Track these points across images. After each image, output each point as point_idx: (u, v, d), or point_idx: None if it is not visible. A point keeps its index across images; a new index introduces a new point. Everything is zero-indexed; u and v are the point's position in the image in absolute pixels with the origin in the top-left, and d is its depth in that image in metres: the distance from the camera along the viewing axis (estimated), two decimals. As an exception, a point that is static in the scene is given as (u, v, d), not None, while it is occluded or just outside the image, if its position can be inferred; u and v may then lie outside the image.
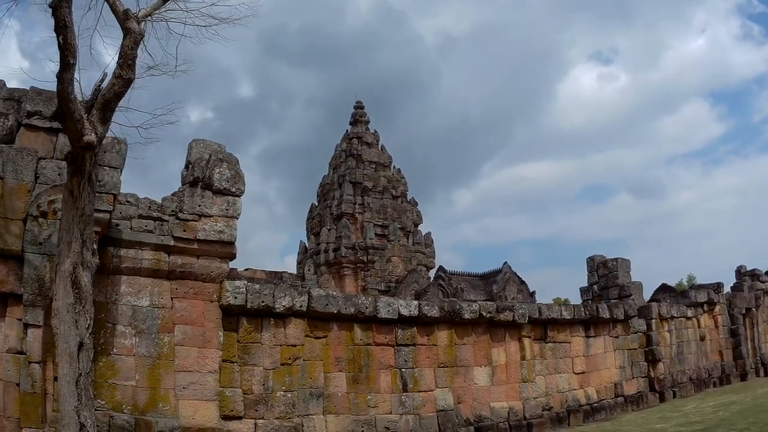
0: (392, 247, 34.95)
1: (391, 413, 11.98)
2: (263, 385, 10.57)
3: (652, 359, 16.94)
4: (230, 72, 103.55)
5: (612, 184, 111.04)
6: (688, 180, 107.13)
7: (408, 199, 37.43)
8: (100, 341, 9.16)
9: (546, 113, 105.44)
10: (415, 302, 12.71)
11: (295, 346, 11.12)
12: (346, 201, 35.33)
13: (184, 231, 10.04)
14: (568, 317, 14.75)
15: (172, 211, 10.23)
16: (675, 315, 17.94)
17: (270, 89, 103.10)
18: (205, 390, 9.82)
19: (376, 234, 35.10)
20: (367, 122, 38.88)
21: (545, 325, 14.54)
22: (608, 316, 15.69)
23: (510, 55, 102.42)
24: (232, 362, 10.39)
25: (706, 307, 19.39)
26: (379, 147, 38.12)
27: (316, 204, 38.07)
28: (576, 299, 19.36)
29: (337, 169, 37.26)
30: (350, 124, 39.18)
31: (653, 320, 17.17)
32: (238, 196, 10.70)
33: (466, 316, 12.99)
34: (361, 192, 35.76)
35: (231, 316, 10.53)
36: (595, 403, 15.08)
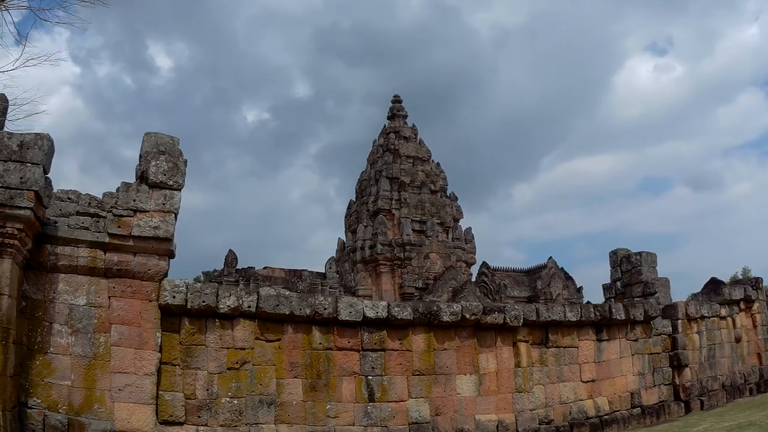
0: (430, 243, 33.80)
1: (353, 425, 10.93)
2: (207, 390, 9.99)
3: (677, 364, 15.24)
4: (285, 72, 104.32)
5: (670, 177, 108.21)
6: (744, 171, 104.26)
7: (447, 193, 36.13)
8: (37, 339, 9.14)
9: (602, 105, 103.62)
10: (384, 303, 11.57)
11: (243, 349, 10.42)
12: (382, 197, 34.39)
13: (119, 227, 9.67)
14: (574, 319, 13.29)
15: (111, 207, 9.79)
16: (706, 314, 16.16)
17: (326, 88, 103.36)
18: (141, 393, 9.44)
19: (413, 230, 34.05)
20: (405, 116, 37.83)
21: (546, 328, 13.13)
22: (624, 317, 14.12)
23: (565, 47, 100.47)
24: (174, 365, 9.89)
25: (742, 305, 17.43)
26: (417, 141, 36.99)
27: (354, 200, 37.21)
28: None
29: (374, 165, 36.37)
30: (388, 118, 38.21)
31: (679, 321, 15.46)
32: (176, 189, 10.15)
33: (446, 318, 11.75)
34: (398, 187, 34.75)
35: (173, 316, 10.03)
36: (605, 415, 13.56)
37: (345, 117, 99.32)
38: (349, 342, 11.25)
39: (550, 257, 35.43)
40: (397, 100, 38.30)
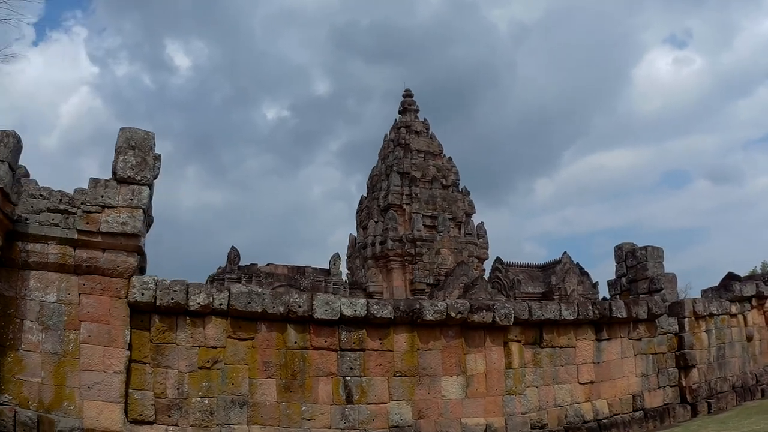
0: (441, 238, 33.21)
1: (330, 427, 10.47)
2: (178, 389, 9.78)
3: (684, 365, 14.48)
4: (304, 70, 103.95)
5: (690, 171, 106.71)
6: (765, 164, 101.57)
7: (459, 188, 35.44)
8: (8, 336, 9.15)
9: (622, 99, 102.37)
10: (363, 301, 11.03)
11: (215, 348, 10.14)
12: (393, 192, 33.84)
13: (87, 223, 9.57)
14: (570, 318, 12.61)
15: (81, 203, 9.68)
16: (715, 312, 15.35)
17: (346, 85, 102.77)
18: (110, 391, 9.34)
19: (424, 225, 33.47)
20: (417, 111, 37.20)
21: (540, 327, 12.47)
22: (625, 316, 13.40)
23: (583, 41, 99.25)
24: (144, 363, 9.74)
25: (754, 302, 16.55)
26: (429, 135, 36.36)
27: (365, 196, 36.69)
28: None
29: (385, 160, 35.82)
30: (399, 113, 37.62)
31: (686, 319, 14.69)
32: (145, 185, 10.03)
33: (429, 317, 11.18)
34: (408, 182, 34.17)
35: (143, 314, 9.88)
36: (604, 418, 12.87)
37: (365, 114, 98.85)
38: (326, 341, 10.80)
39: (565, 252, 34.66)
40: (408, 94, 37.69)
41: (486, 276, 35.69)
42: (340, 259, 27.34)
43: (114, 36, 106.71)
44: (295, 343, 10.60)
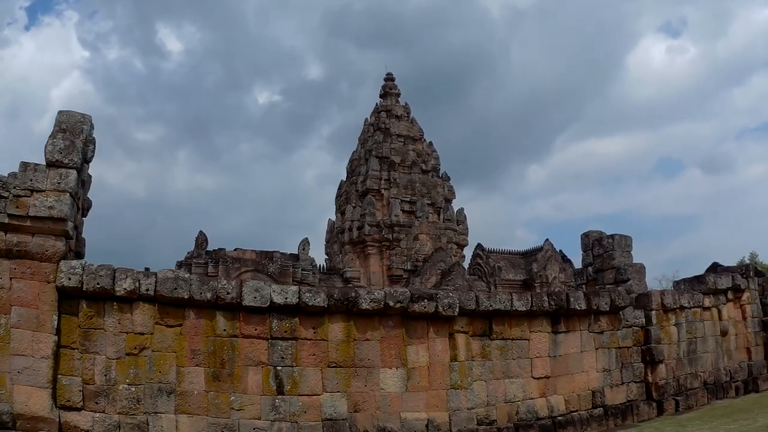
0: (420, 224, 32.40)
1: (260, 418, 9.84)
2: (105, 375, 9.51)
3: (650, 360, 13.68)
4: (297, 53, 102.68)
5: (684, 158, 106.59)
6: (759, 153, 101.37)
7: (440, 173, 34.57)
8: None
9: (616, 86, 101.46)
10: (295, 288, 10.22)
11: (142, 334, 9.73)
12: (371, 176, 33.00)
13: (17, 207, 9.37)
14: (523, 309, 11.80)
15: (14, 186, 9.55)
16: (686, 305, 14.55)
17: (339, 70, 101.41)
18: (38, 376, 9.14)
19: (403, 210, 32.63)
20: (398, 95, 36.28)
21: (490, 318, 11.65)
22: (585, 308, 12.58)
23: (578, 27, 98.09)
24: (73, 349, 9.48)
25: (730, 295, 15.75)
26: (410, 120, 35.43)
27: (344, 180, 35.84)
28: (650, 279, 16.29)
29: (365, 144, 34.96)
30: (380, 97, 36.65)
31: (653, 311, 13.88)
32: (72, 168, 9.71)
33: (365, 306, 10.36)
34: (387, 167, 33.31)
35: (72, 299, 9.60)
36: (560, 415, 12.08)
37: (358, 99, 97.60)
38: (256, 329, 10.16)
39: (547, 239, 33.93)
40: (389, 78, 36.74)
41: (467, 263, 34.97)
42: (309, 244, 26.47)
43: (105, 20, 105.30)
44: (224, 330, 10.03)
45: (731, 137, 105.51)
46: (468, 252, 35.00)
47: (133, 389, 9.54)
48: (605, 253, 14.98)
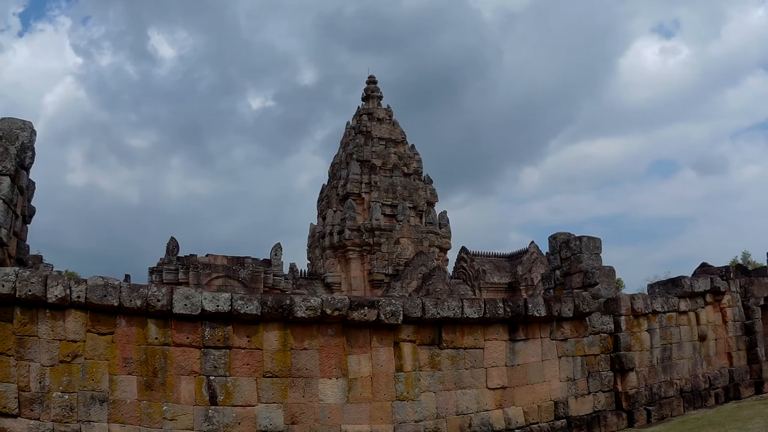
0: (401, 228, 31.72)
1: (193, 429, 9.37)
2: (40, 383, 9.24)
3: (620, 368, 12.95)
4: (290, 58, 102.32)
5: (678, 160, 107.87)
6: (753, 154, 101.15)
7: (422, 176, 33.89)
8: None
9: (609, 88, 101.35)
10: (227, 295, 9.59)
11: (75, 341, 9.40)
12: (351, 180, 32.33)
13: None
14: (475, 316, 11.09)
15: None
16: (659, 309, 13.83)
17: (332, 74, 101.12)
18: None
19: (384, 214, 31.97)
20: (380, 97, 35.63)
21: (440, 326, 10.95)
22: (545, 314, 11.87)
23: (571, 30, 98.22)
24: (9, 356, 9.23)
25: (709, 298, 15.01)
26: (391, 123, 34.75)
27: (326, 184, 35.17)
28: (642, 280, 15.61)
29: (346, 147, 34.31)
30: (362, 99, 35.99)
31: (623, 317, 13.17)
32: (5, 174, 9.78)
33: (301, 314, 9.67)
34: (369, 170, 32.63)
35: (7, 305, 9.30)
36: (518, 428, 11.37)
37: (351, 103, 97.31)
38: (188, 338, 9.65)
39: (532, 242, 33.32)
40: (371, 81, 36.10)
41: (451, 266, 34.29)
42: (281, 249, 25.78)
43: (98, 25, 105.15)
44: (156, 339, 9.59)
45: (725, 138, 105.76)
46: (453, 255, 34.34)
47: (67, 397, 9.27)
48: (572, 256, 14.29)
